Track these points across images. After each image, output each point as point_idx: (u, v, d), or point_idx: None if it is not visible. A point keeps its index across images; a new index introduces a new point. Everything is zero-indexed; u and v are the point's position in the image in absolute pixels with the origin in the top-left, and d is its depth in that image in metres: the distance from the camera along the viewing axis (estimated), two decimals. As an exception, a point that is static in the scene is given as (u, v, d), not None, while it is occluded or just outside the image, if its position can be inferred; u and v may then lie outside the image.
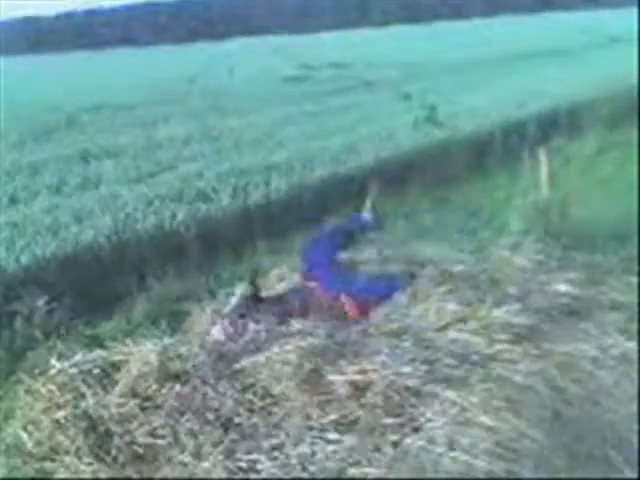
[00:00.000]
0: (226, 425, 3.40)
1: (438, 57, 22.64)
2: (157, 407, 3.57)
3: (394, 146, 10.26)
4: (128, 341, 4.23)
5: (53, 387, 3.74)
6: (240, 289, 5.02)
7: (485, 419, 3.17)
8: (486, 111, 12.30)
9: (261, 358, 3.80)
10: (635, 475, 3.02)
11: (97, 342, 4.99)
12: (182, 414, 3.47)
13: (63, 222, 7.34)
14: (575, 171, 8.56)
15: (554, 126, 11.19)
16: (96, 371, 3.87)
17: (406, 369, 3.47)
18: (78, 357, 3.97)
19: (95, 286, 6.40)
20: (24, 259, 6.40)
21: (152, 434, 3.40)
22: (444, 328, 4.03)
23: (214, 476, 3.04)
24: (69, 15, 65.00)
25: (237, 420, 3.42)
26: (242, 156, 10.12)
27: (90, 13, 66.24)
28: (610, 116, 11.47)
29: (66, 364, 3.90)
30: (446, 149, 10.27)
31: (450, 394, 3.31)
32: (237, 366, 3.79)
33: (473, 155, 10.14)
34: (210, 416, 3.45)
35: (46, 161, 10.30)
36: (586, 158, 9.50)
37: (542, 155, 6.75)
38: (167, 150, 10.90)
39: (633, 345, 3.84)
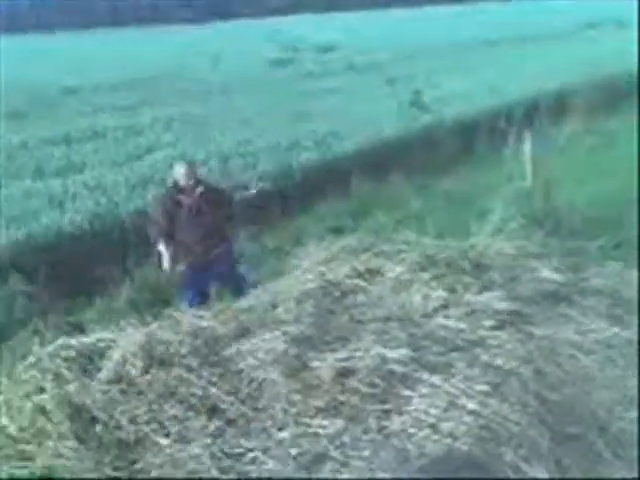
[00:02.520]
0: (211, 411, 3.40)
1: (424, 41, 22.57)
2: (141, 393, 3.55)
3: (379, 130, 10.23)
4: (112, 327, 4.20)
5: (35, 372, 3.71)
6: None
7: (469, 403, 3.19)
8: (471, 96, 12.30)
9: (246, 345, 3.79)
10: (614, 455, 3.07)
11: (79, 328, 4.95)
12: (166, 400, 3.45)
13: (44, 206, 7.25)
14: (557, 157, 8.63)
15: (538, 111, 11.22)
16: (78, 357, 3.84)
17: (391, 354, 3.48)
18: (60, 342, 3.93)
19: (77, 271, 6.34)
20: (3, 243, 6.31)
21: (136, 420, 3.39)
22: (429, 314, 4.04)
23: (199, 461, 3.04)
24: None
25: (222, 406, 3.41)
26: (226, 140, 10.04)
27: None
28: (592, 101, 11.56)
29: (48, 349, 3.87)
30: (431, 134, 10.28)
31: (435, 379, 3.33)
32: (222, 353, 3.78)
33: (457, 140, 10.16)
34: (195, 402, 3.44)
35: (26, 144, 10.15)
36: (568, 144, 9.57)
37: (526, 140, 6.78)
38: (149, 134, 10.80)
39: (615, 330, 3.88)
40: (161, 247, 5.29)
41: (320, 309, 4.18)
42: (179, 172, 5.27)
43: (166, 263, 5.29)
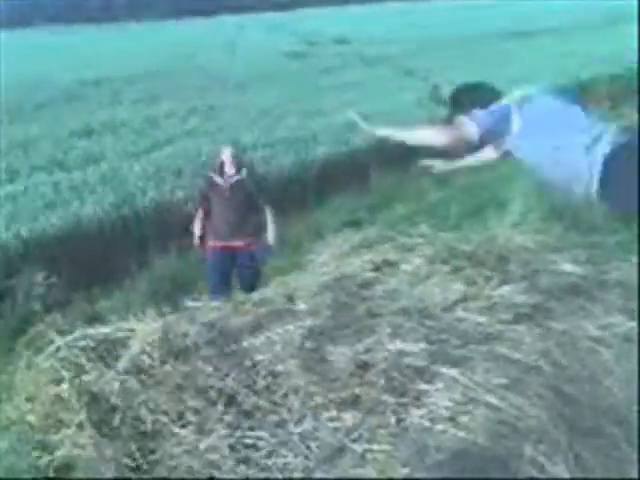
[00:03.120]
0: (228, 403, 3.40)
1: (440, 33, 22.40)
2: (159, 383, 3.56)
3: (397, 124, 10.16)
4: (130, 317, 4.22)
5: (54, 362, 3.73)
6: None
7: (488, 397, 3.17)
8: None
9: (263, 338, 3.79)
10: (633, 450, 3.03)
11: (97, 318, 4.99)
12: (185, 391, 3.46)
13: (64, 197, 7.31)
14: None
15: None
16: (97, 347, 3.86)
17: (409, 348, 3.46)
18: (78, 332, 3.95)
19: (96, 262, 6.39)
20: (24, 234, 6.37)
21: (155, 410, 3.40)
22: (448, 307, 4.01)
23: (217, 451, 3.05)
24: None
25: (239, 398, 3.42)
26: (243, 133, 10.04)
27: (90, -14, 65.27)
28: (612, 95, 11.41)
29: (67, 339, 3.89)
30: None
31: (453, 373, 3.31)
32: (239, 345, 3.78)
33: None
34: (212, 394, 3.44)
35: (46, 135, 10.23)
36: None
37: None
38: (167, 125, 10.83)
39: (634, 324, 3.83)
40: (195, 223, 5.49)
41: (337, 302, 4.16)
42: (223, 155, 5.42)
43: (195, 239, 5.51)
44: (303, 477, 2.89)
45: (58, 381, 3.62)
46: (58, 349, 3.81)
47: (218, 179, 5.40)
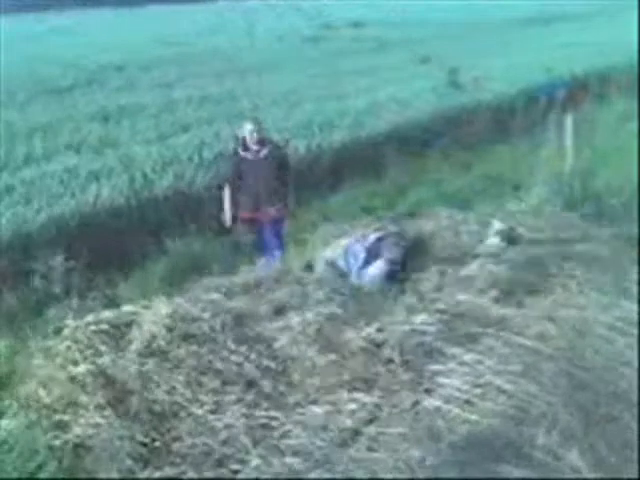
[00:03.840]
0: (246, 385, 3.43)
1: (459, 18, 22.15)
2: (176, 366, 3.59)
3: (414, 110, 10.10)
4: (144, 301, 4.25)
5: (69, 344, 3.77)
6: None
7: (501, 382, 3.17)
8: (507, 75, 12.05)
9: (280, 324, 3.81)
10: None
11: (114, 301, 5.03)
12: (201, 373, 3.49)
13: (81, 181, 7.34)
14: (599, 139, 8.41)
15: (578, 92, 10.95)
16: (111, 329, 3.89)
17: (422, 327, 3.47)
18: (92, 316, 3.99)
19: (113, 246, 6.43)
20: (41, 218, 6.42)
21: (171, 392, 3.43)
22: (460, 291, 4.02)
23: (234, 431, 3.08)
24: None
25: (256, 381, 3.44)
26: (260, 117, 10.02)
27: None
28: (633, 83, 11.22)
29: (82, 322, 3.93)
30: (467, 114, 10.11)
31: (467, 357, 3.31)
32: (253, 330, 3.80)
33: (495, 120, 9.98)
34: (230, 376, 3.47)
35: (64, 120, 10.27)
36: (610, 126, 9.31)
37: (567, 123, 6.61)
38: (185, 110, 10.84)
39: None
40: (225, 197, 5.77)
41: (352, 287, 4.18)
42: (245, 130, 5.64)
43: (226, 213, 5.82)
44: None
45: (73, 363, 3.66)
46: (73, 332, 3.85)
47: (247, 154, 5.65)
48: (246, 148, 5.65)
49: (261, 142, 5.65)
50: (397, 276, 4.55)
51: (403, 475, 2.74)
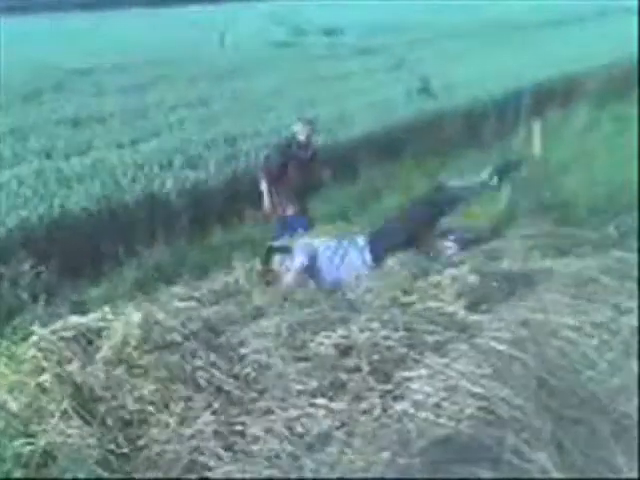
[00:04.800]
0: (215, 391, 3.41)
1: (432, 24, 22.38)
2: (144, 374, 3.56)
3: (387, 117, 10.18)
4: (113, 307, 4.20)
5: (35, 352, 3.71)
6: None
7: (470, 386, 3.20)
8: (480, 82, 12.21)
9: (248, 330, 3.80)
10: (616, 439, 3.07)
11: (84, 308, 4.96)
12: (170, 381, 3.46)
13: (51, 186, 7.26)
14: (566, 144, 8.56)
15: (548, 98, 11.14)
16: (79, 337, 3.84)
17: (392, 334, 3.49)
18: (60, 323, 3.94)
19: (83, 251, 6.36)
20: (10, 222, 6.33)
21: (140, 399, 3.40)
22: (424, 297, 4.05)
23: (203, 438, 3.06)
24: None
25: (226, 388, 3.43)
26: (232, 123, 10.01)
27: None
28: (603, 89, 11.45)
29: (49, 329, 3.87)
30: (438, 120, 10.21)
31: (436, 361, 3.34)
32: (226, 337, 3.79)
33: (466, 126, 10.10)
34: (200, 383, 3.45)
35: (34, 125, 10.14)
36: (578, 132, 9.50)
37: (535, 127, 6.72)
38: (156, 116, 10.77)
39: (614, 315, 3.86)
40: (266, 195, 6.12)
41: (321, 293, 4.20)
42: (299, 129, 6.08)
43: (266, 204, 6.15)
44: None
45: (41, 370, 3.61)
46: (40, 339, 3.79)
47: (299, 152, 6.08)
48: (299, 146, 6.07)
49: (309, 142, 6.13)
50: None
51: (374, 478, 2.75)
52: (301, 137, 6.08)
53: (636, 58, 12.75)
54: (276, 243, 5.31)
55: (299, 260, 4.78)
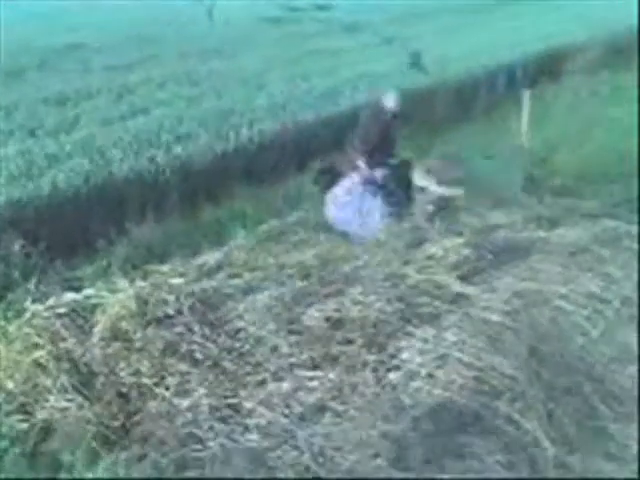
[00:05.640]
0: (210, 365, 3.42)
1: (424, 1, 22.12)
2: (140, 349, 3.56)
3: (376, 90, 10.08)
4: (106, 285, 4.19)
5: (29, 329, 3.70)
6: None
7: (462, 356, 3.22)
8: (470, 56, 12.12)
9: (241, 305, 3.80)
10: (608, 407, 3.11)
11: (75, 286, 4.93)
12: (166, 355, 3.47)
13: (38, 165, 7.16)
14: (557, 116, 8.55)
15: (537, 71, 11.09)
16: (72, 314, 3.83)
17: (385, 307, 3.51)
18: (53, 299, 3.92)
19: (73, 230, 6.30)
20: (0, 202, 6.26)
21: (136, 374, 3.41)
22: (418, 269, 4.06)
23: (198, 411, 3.08)
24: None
25: (220, 361, 3.44)
26: (223, 99, 9.90)
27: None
28: (592, 61, 11.42)
29: (42, 306, 3.86)
30: (429, 95, 10.15)
31: (429, 332, 3.36)
32: (221, 312, 3.79)
33: (457, 101, 10.05)
34: (195, 357, 3.46)
35: (19, 103, 9.98)
36: (567, 103, 9.47)
37: (525, 99, 6.69)
38: (145, 93, 10.61)
39: (604, 284, 3.89)
40: (361, 165, 6.11)
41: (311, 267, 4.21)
42: (391, 99, 6.29)
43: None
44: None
45: (36, 347, 3.60)
46: (33, 316, 3.78)
47: (391, 120, 6.30)
48: (394, 115, 6.28)
49: (398, 110, 6.32)
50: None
51: (368, 448, 2.77)
52: (392, 105, 6.28)
53: (636, 28, 12.70)
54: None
55: None
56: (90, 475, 2.94)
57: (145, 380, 3.35)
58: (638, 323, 3.59)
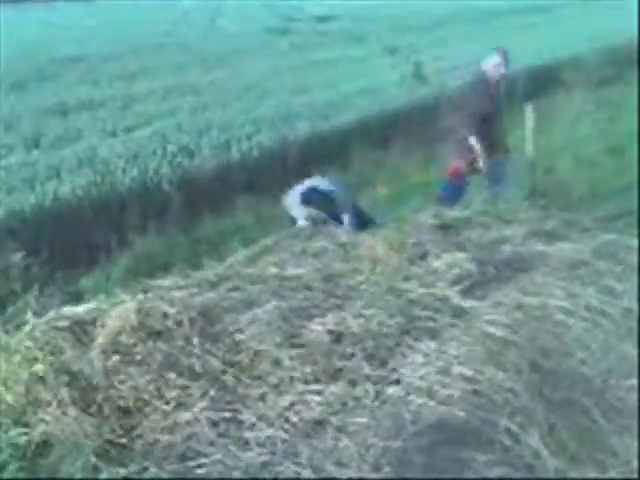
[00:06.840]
0: (210, 379, 3.42)
1: (424, 11, 22.24)
2: (140, 362, 3.56)
3: (379, 102, 10.14)
4: (107, 297, 4.19)
5: (29, 343, 3.70)
6: None
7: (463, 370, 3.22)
8: (472, 68, 12.16)
9: (242, 318, 3.80)
10: (608, 422, 3.10)
11: (76, 298, 4.93)
12: (166, 369, 3.46)
13: (41, 176, 7.20)
14: (559, 129, 8.57)
15: (540, 83, 11.13)
16: (73, 326, 3.82)
17: (386, 320, 3.51)
18: (53, 313, 3.92)
19: (74, 241, 6.33)
20: (1, 213, 6.29)
21: (136, 388, 3.40)
22: (424, 284, 4.05)
23: (198, 425, 3.07)
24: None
25: (220, 375, 3.43)
26: (224, 110, 9.96)
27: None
28: (595, 75, 11.45)
29: (42, 319, 3.85)
30: (432, 106, 10.18)
31: (431, 346, 3.36)
32: (222, 325, 3.79)
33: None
34: (195, 371, 3.46)
35: (22, 114, 10.04)
36: (571, 117, 9.50)
37: (527, 112, 6.71)
38: (147, 103, 10.70)
39: (607, 299, 3.89)
40: (473, 142, 5.57)
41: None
42: (491, 62, 5.53)
43: (481, 161, 5.64)
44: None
45: (35, 360, 3.60)
46: (33, 329, 3.78)
47: (493, 92, 5.64)
48: (498, 83, 5.46)
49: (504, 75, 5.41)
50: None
51: (369, 463, 2.77)
52: (501, 71, 5.53)
53: (636, 41, 12.77)
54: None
55: None
56: (89, 489, 2.93)
57: (145, 394, 3.34)
58: (638, 336, 3.58)
